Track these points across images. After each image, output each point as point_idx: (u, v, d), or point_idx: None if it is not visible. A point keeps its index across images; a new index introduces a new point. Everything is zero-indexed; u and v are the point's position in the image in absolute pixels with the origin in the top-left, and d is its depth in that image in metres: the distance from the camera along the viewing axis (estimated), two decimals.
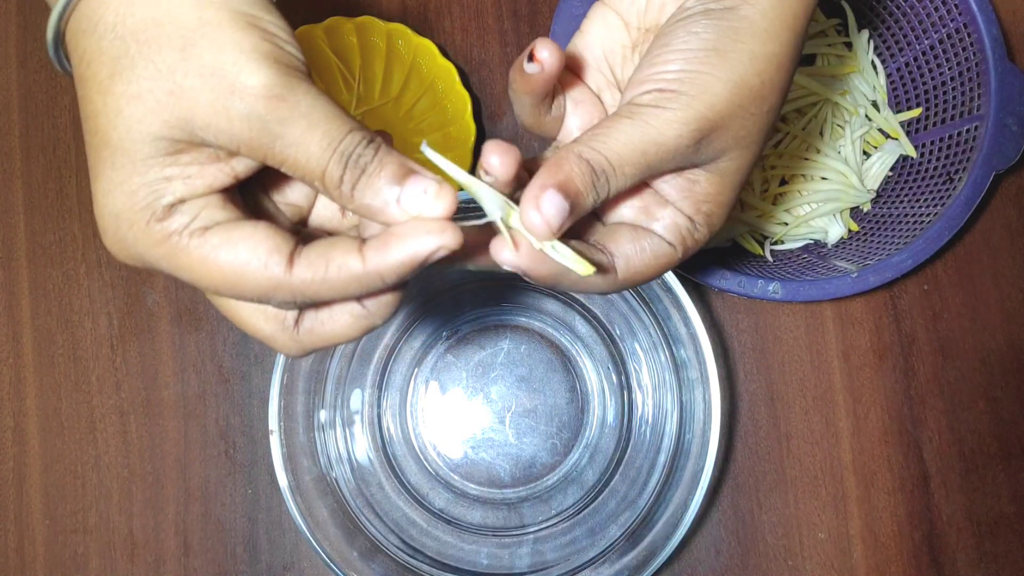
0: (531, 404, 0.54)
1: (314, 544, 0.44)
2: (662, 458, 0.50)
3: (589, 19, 0.33)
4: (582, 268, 0.28)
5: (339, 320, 0.30)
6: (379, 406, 0.54)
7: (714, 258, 0.53)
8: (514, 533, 0.52)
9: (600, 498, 0.52)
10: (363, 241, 0.27)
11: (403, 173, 0.27)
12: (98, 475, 0.55)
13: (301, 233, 0.31)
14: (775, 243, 0.55)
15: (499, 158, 0.27)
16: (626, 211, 0.32)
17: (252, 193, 0.30)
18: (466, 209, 0.31)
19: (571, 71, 0.33)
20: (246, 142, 0.26)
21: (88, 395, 0.55)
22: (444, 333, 0.55)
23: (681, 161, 0.29)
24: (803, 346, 0.55)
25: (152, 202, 0.26)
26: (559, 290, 0.29)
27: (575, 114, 0.34)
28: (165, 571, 0.54)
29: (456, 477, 0.53)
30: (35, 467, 0.55)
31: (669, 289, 0.45)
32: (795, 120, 0.54)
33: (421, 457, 0.54)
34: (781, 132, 0.53)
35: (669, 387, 0.50)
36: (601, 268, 0.30)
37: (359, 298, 0.29)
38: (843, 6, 0.55)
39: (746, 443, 0.55)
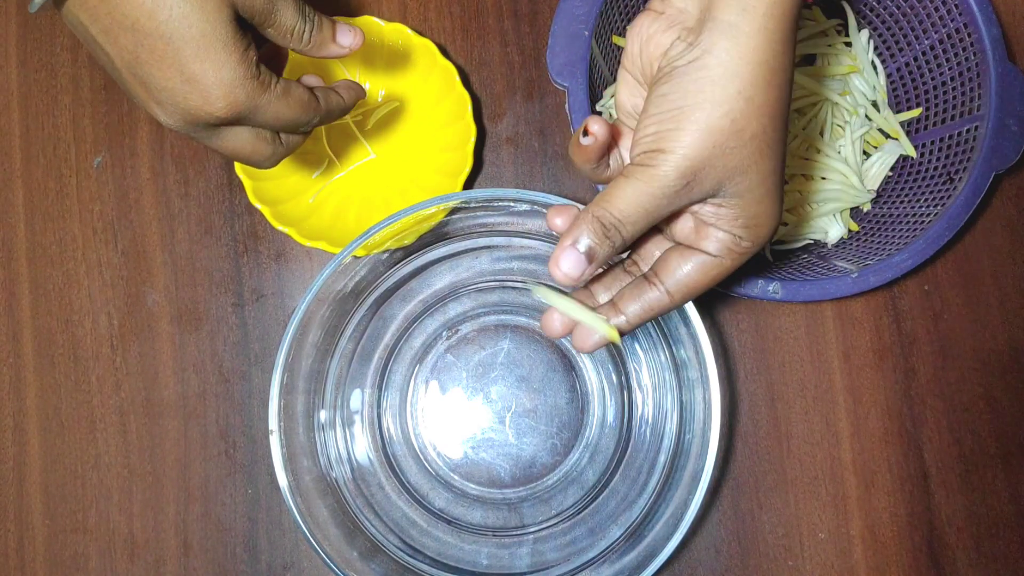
0: (531, 404, 0.54)
1: (314, 544, 0.44)
2: (662, 458, 0.50)
3: (618, 83, 0.39)
4: (604, 331, 0.37)
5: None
6: (379, 406, 0.54)
7: None
8: (514, 533, 0.52)
9: (600, 498, 0.52)
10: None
11: (333, 27, 0.43)
12: (98, 475, 0.55)
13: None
14: (775, 243, 0.55)
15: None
16: (679, 232, 0.37)
17: None
18: (465, 208, 0.31)
19: (618, 128, 0.39)
20: (260, 11, 0.39)
21: (88, 395, 0.55)
22: (444, 333, 0.55)
23: (680, 202, 0.35)
24: (803, 346, 0.55)
25: (250, 67, 0.39)
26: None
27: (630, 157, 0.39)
28: (165, 571, 0.54)
29: (456, 477, 0.53)
30: (35, 467, 0.55)
31: None
32: (795, 120, 0.54)
33: (421, 457, 0.54)
34: None
35: (669, 387, 0.50)
36: (622, 330, 0.38)
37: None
38: (843, 6, 0.55)
39: (746, 443, 0.55)
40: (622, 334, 0.38)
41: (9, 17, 0.58)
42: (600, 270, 0.40)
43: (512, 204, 0.46)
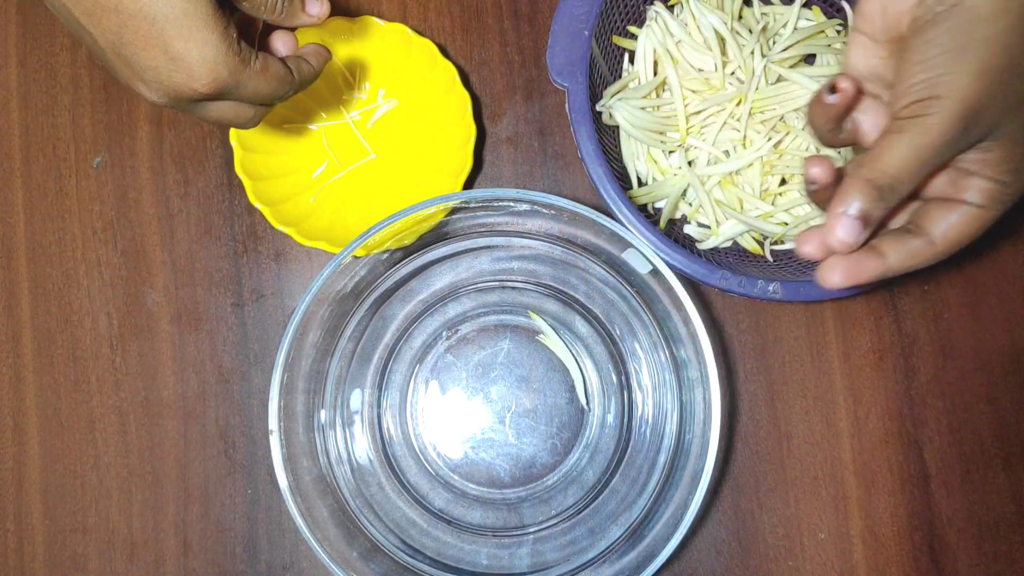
0: (531, 404, 0.54)
1: (314, 544, 0.44)
2: (662, 458, 0.50)
3: (849, 46, 0.39)
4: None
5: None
6: (379, 406, 0.54)
7: (714, 258, 0.53)
8: (514, 533, 0.52)
9: (600, 498, 0.52)
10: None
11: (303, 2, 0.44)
12: (98, 475, 0.55)
13: None
14: (775, 243, 0.55)
15: (819, 170, 0.35)
16: (935, 188, 0.36)
17: None
18: (465, 208, 0.31)
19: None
20: None
21: (87, 395, 0.55)
22: (444, 333, 0.55)
23: (955, 150, 0.34)
24: (803, 346, 0.55)
25: (233, 44, 0.40)
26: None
27: (866, 121, 0.38)
28: (165, 571, 0.54)
29: (456, 477, 0.53)
30: (35, 467, 0.55)
31: (669, 289, 0.45)
32: (795, 119, 0.54)
33: (421, 457, 0.54)
34: (781, 132, 0.53)
35: (669, 387, 0.50)
36: (883, 275, 0.36)
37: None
38: (843, 6, 0.55)
39: (746, 443, 0.55)
40: (883, 281, 0.36)
41: (9, 17, 0.58)
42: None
43: (512, 204, 0.46)
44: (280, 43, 0.45)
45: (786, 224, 0.54)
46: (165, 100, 0.41)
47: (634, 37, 0.54)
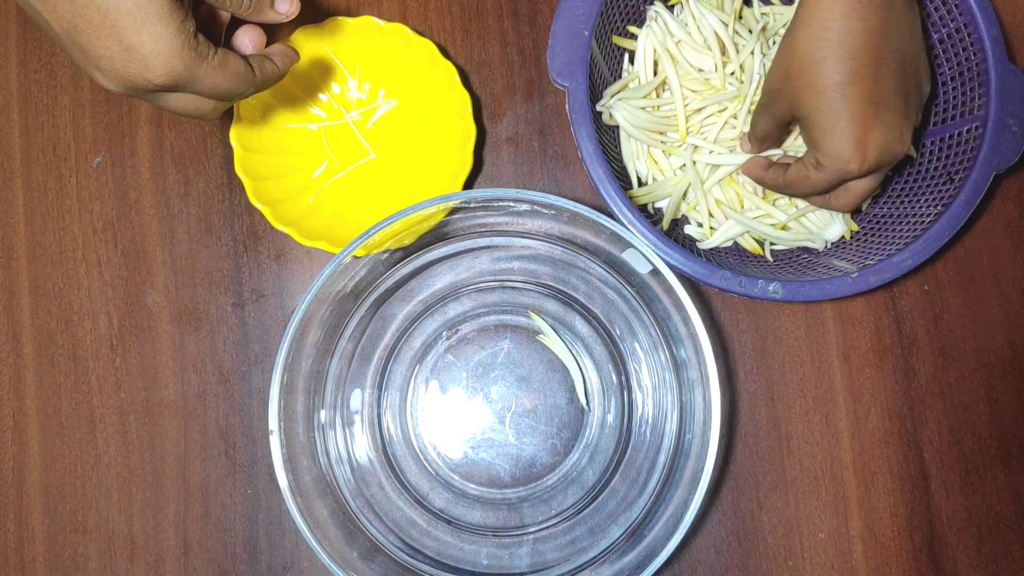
0: (531, 404, 0.54)
1: (314, 544, 0.44)
2: (662, 458, 0.50)
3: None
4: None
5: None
6: (379, 406, 0.54)
7: (714, 258, 0.53)
8: (514, 533, 0.52)
9: (600, 498, 0.52)
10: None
11: None
12: (98, 475, 0.55)
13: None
14: (774, 243, 0.55)
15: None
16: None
17: None
18: (465, 208, 0.31)
19: None
20: None
21: (88, 395, 0.55)
22: (444, 333, 0.55)
23: (773, 115, 0.48)
24: (803, 346, 0.55)
25: (189, 38, 0.40)
26: (789, 194, 0.51)
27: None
28: (165, 571, 0.54)
29: (456, 477, 0.53)
30: (35, 467, 0.55)
31: (669, 289, 0.45)
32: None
33: (421, 457, 0.54)
34: None
35: (669, 387, 0.50)
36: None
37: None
38: None
39: (746, 443, 0.55)
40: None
41: (9, 17, 0.58)
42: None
43: (512, 204, 0.46)
44: (245, 39, 0.45)
45: (785, 227, 0.54)
46: (121, 89, 0.41)
47: (634, 37, 0.54)
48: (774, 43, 0.54)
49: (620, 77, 0.55)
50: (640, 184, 0.55)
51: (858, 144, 0.44)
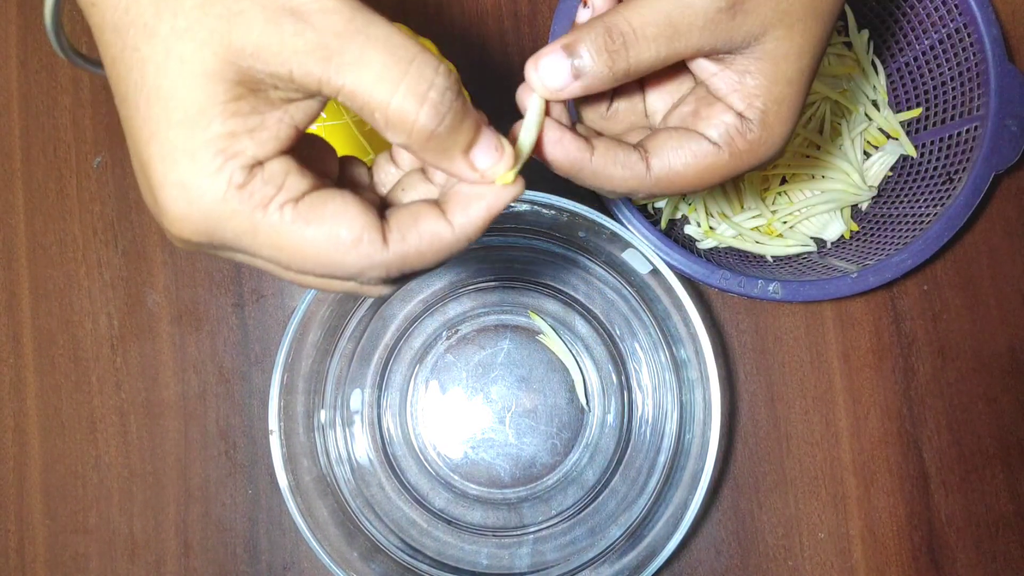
0: (531, 404, 0.54)
1: (314, 544, 0.44)
2: (662, 458, 0.50)
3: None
4: (530, 136, 0.28)
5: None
6: (379, 406, 0.54)
7: (714, 258, 0.53)
8: (514, 533, 0.52)
9: (600, 498, 0.52)
10: (438, 204, 0.27)
11: (477, 129, 0.26)
12: (98, 475, 0.55)
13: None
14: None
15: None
16: (676, 117, 0.32)
17: None
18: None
19: None
20: (300, 63, 0.23)
21: (88, 395, 0.55)
22: (444, 333, 0.55)
23: (715, 32, 0.28)
24: (803, 346, 0.55)
25: (224, 165, 0.23)
26: (584, 184, 0.31)
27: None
28: (165, 571, 0.54)
29: (456, 477, 0.54)
30: (35, 467, 0.55)
31: (669, 289, 0.45)
32: None
33: (421, 457, 0.54)
34: None
35: (669, 387, 0.50)
36: (569, 157, 0.30)
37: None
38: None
39: (746, 443, 0.55)
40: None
41: (9, 18, 0.58)
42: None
43: (512, 204, 0.46)
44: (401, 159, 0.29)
45: (785, 224, 0.54)
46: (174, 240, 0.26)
47: None
48: None
49: None
50: None
51: (789, 133, 0.31)
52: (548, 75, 0.28)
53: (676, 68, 0.32)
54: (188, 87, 0.23)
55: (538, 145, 0.29)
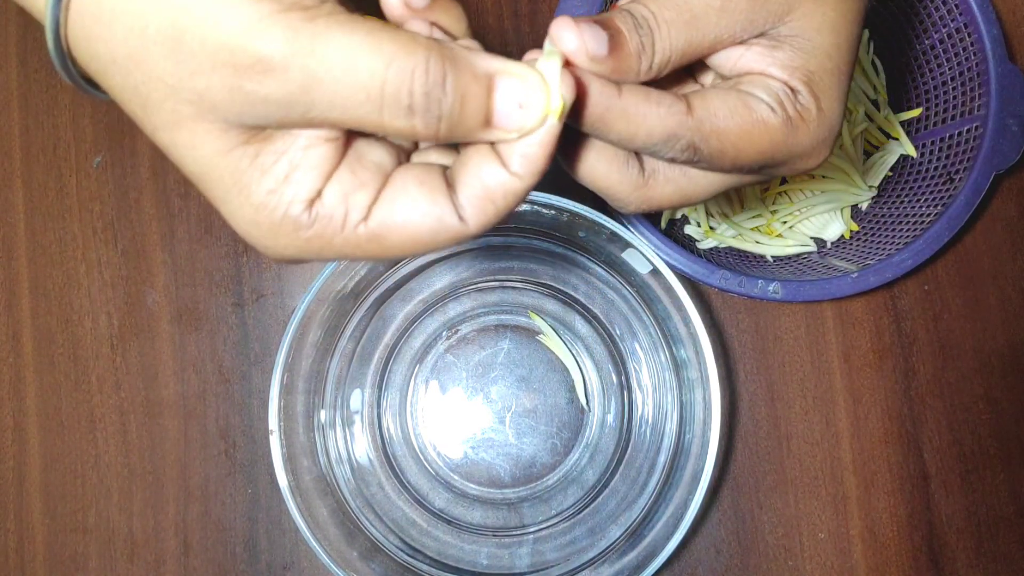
0: (531, 404, 0.54)
1: (314, 544, 0.44)
2: (662, 458, 0.50)
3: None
4: (551, 100, 0.24)
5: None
6: (379, 406, 0.54)
7: (714, 258, 0.53)
8: (514, 533, 0.52)
9: (600, 498, 0.52)
10: (493, 151, 0.25)
11: (487, 92, 0.23)
12: (98, 474, 0.55)
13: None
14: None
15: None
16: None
17: None
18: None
19: None
20: (280, 120, 0.23)
21: (88, 394, 0.55)
22: (444, 333, 0.55)
23: (734, 14, 0.26)
24: (803, 346, 0.55)
25: (286, 212, 0.24)
26: (613, 136, 0.27)
27: None
28: (165, 571, 0.54)
29: (456, 477, 0.53)
30: (35, 466, 0.55)
31: (669, 289, 0.45)
32: None
33: (421, 457, 0.54)
34: None
35: (669, 387, 0.50)
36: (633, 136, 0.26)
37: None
38: None
39: (746, 443, 0.55)
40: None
41: (9, 17, 0.58)
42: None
43: None
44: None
45: (785, 223, 0.54)
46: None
47: None
48: None
49: None
50: None
51: (842, 113, 0.28)
52: (590, 40, 0.24)
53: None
54: (213, 164, 0.24)
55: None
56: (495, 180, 0.25)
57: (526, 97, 0.24)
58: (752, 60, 0.27)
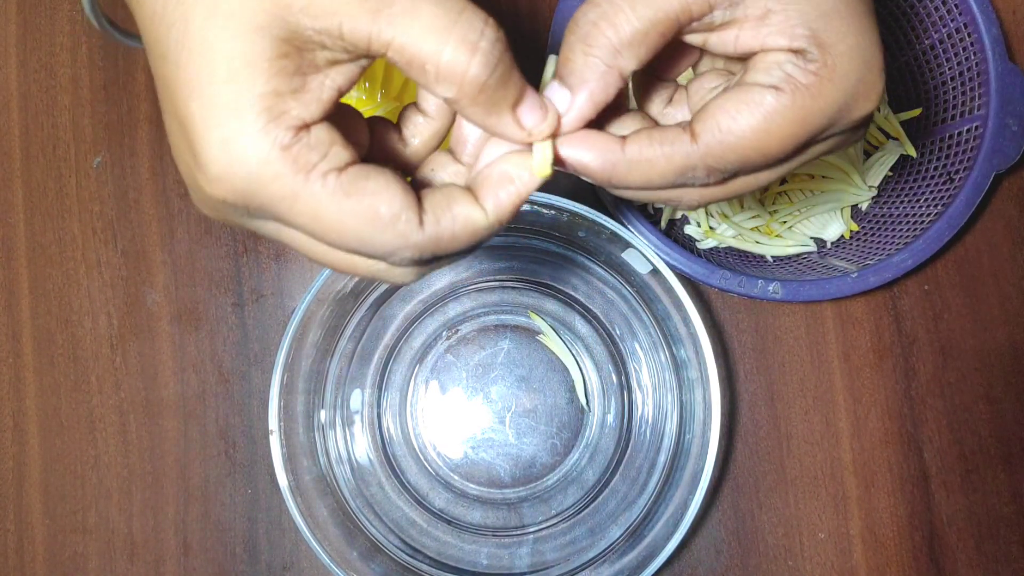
0: (531, 404, 0.54)
1: (314, 544, 0.44)
2: (662, 458, 0.50)
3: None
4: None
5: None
6: (379, 406, 0.54)
7: (714, 258, 0.53)
8: (514, 533, 0.52)
9: (600, 498, 0.52)
10: (470, 189, 0.26)
11: (524, 86, 0.25)
12: (98, 475, 0.55)
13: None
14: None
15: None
16: (707, 82, 0.28)
17: None
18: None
19: None
20: (350, 17, 0.22)
21: (88, 395, 0.55)
22: (444, 333, 0.55)
23: None
24: (803, 346, 0.55)
25: (270, 124, 0.22)
26: (627, 188, 0.27)
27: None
28: (165, 571, 0.54)
29: (456, 477, 0.53)
30: (35, 467, 0.55)
31: (669, 289, 0.45)
32: None
33: (421, 457, 0.54)
34: None
35: (669, 387, 0.50)
36: (576, 166, 0.27)
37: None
38: None
39: (746, 443, 0.55)
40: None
41: (9, 17, 0.58)
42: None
43: None
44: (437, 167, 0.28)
45: (786, 224, 0.54)
46: (191, 193, 0.26)
47: None
48: None
49: None
50: None
51: (869, 48, 0.25)
52: (548, 116, 0.26)
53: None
54: (235, 42, 0.22)
55: (560, 158, 0.27)
56: (463, 204, 0.25)
57: (546, 110, 0.26)
58: (749, 37, 0.25)
